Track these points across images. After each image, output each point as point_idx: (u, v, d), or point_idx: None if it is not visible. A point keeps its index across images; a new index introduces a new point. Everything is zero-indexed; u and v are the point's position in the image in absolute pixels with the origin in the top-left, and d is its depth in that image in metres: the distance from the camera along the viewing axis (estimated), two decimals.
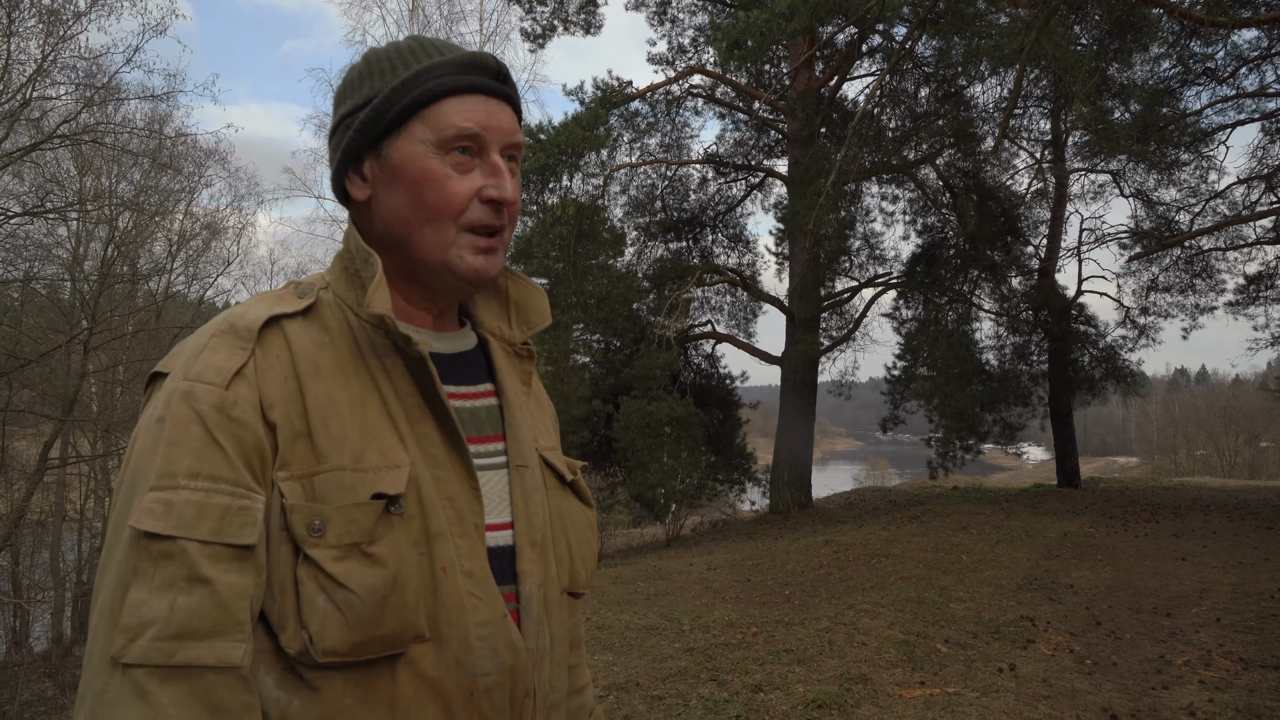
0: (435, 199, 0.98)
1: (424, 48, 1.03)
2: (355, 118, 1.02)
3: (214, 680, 0.82)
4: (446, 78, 0.99)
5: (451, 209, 0.99)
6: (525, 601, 1.00)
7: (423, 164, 0.98)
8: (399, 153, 0.99)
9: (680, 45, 17.37)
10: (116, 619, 0.82)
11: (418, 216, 0.99)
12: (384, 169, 1.01)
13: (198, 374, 0.90)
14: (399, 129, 1.00)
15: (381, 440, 0.94)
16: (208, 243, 21.26)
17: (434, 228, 0.99)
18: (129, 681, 0.80)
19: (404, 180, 0.99)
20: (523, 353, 1.15)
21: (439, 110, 0.99)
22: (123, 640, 0.81)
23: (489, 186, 1.00)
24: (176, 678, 0.81)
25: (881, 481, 37.58)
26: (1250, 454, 45.91)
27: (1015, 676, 4.83)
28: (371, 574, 0.88)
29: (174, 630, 0.81)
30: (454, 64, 1.00)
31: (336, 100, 1.06)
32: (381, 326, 0.95)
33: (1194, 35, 13.18)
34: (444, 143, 0.98)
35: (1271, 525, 10.42)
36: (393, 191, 1.00)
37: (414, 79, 0.99)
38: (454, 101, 0.99)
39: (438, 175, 0.98)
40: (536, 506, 1.05)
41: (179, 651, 0.81)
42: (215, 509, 0.85)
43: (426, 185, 0.98)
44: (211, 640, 0.82)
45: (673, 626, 6.19)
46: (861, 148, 12.63)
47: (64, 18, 12.06)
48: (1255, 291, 15.92)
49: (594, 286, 14.67)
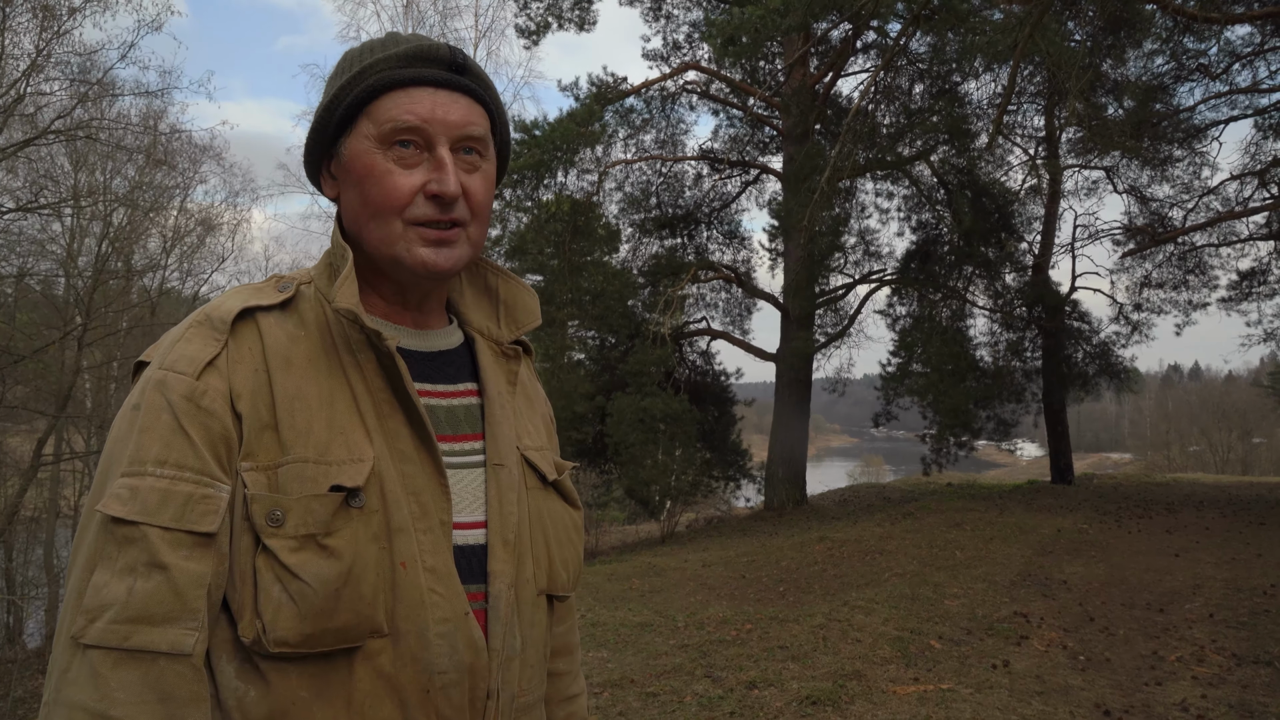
0: (376, 194, 0.98)
1: (383, 43, 1.02)
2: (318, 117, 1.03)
3: (165, 667, 0.83)
4: (388, 71, 0.99)
5: (392, 204, 0.98)
6: (494, 601, 0.99)
7: (366, 160, 0.98)
8: (349, 150, 1.00)
9: (675, 41, 17.36)
10: (81, 600, 0.85)
11: (364, 212, 1.00)
12: (340, 167, 1.02)
13: (171, 363, 0.92)
14: (350, 127, 1.00)
15: (348, 434, 0.94)
16: (202, 239, 21.19)
17: (378, 223, 0.99)
18: (86, 662, 0.83)
19: (353, 176, 1.00)
20: (509, 352, 1.14)
21: (380, 105, 0.99)
22: (83, 621, 0.83)
23: (431, 181, 0.98)
24: (130, 662, 0.82)
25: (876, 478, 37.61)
26: (1243, 450, 46.12)
27: (1009, 673, 4.85)
28: (326, 565, 0.88)
29: (130, 614, 0.83)
30: (398, 57, 0.99)
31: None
32: (355, 321, 0.95)
33: (1187, 31, 13.21)
34: (383, 137, 0.98)
35: (1264, 521, 10.47)
36: (348, 189, 1.02)
37: (359, 75, 0.99)
38: (396, 95, 0.98)
39: (379, 170, 0.98)
40: (511, 506, 1.03)
41: (133, 635, 0.83)
42: (178, 496, 0.87)
43: (368, 181, 0.98)
44: (165, 626, 0.84)
45: (667, 623, 6.21)
46: (856, 144, 12.64)
47: (58, 13, 12.03)
48: (1248, 288, 15.98)
49: (589, 283, 14.67)
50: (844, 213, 16.24)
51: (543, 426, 1.19)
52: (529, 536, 1.06)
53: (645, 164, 16.95)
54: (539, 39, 15.96)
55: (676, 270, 15.61)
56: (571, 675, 1.24)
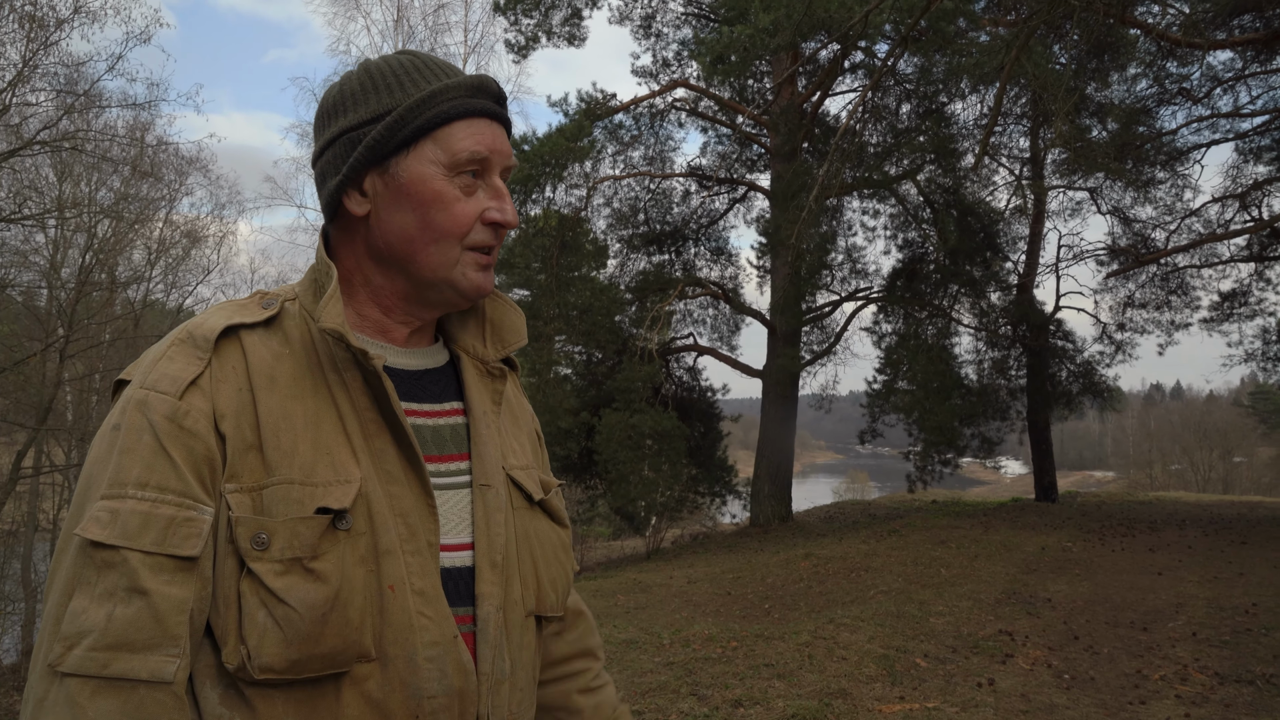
0: (444, 220, 1.00)
1: (429, 67, 1.03)
2: (362, 132, 1.00)
3: (145, 695, 0.81)
4: (460, 100, 1.00)
5: (458, 230, 1.00)
6: (482, 624, 0.98)
7: (434, 185, 0.99)
8: (408, 172, 0.99)
9: (664, 59, 17.47)
10: (59, 626, 0.83)
11: (424, 235, 1.00)
12: (389, 187, 1.00)
13: (153, 383, 0.90)
14: (408, 148, 1.00)
15: (334, 454, 0.93)
16: (188, 251, 21.08)
17: (440, 247, 1.00)
18: (64, 691, 0.80)
19: (413, 199, 0.99)
20: (495, 371, 1.13)
21: (451, 132, 1.00)
22: (60, 648, 0.81)
23: (493, 209, 1.02)
24: (109, 690, 0.80)
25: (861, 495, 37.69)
26: (1224, 469, 46.43)
27: (994, 691, 4.85)
28: (313, 590, 0.87)
29: (109, 641, 0.81)
30: (465, 87, 1.01)
31: (332, 110, 1.04)
32: (341, 340, 0.94)
33: (1170, 56, 13.40)
34: (455, 165, 0.99)
35: (1246, 540, 10.53)
36: (398, 209, 1.00)
37: (429, 99, 0.99)
38: (464, 124, 1.00)
39: (448, 197, 0.99)
40: (499, 527, 1.02)
41: (113, 663, 0.81)
42: (160, 519, 0.85)
43: (436, 206, 0.99)
44: (146, 654, 0.82)
45: (652, 640, 6.18)
46: (843, 163, 12.72)
47: (46, 24, 12.00)
48: (1229, 308, 16.15)
49: (576, 298, 14.67)
50: (831, 230, 16.33)
51: (528, 444, 1.18)
52: (516, 558, 1.05)
53: (634, 180, 17.01)
54: (528, 54, 16.03)
55: (664, 286, 15.64)
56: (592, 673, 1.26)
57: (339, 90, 1.04)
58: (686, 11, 17.25)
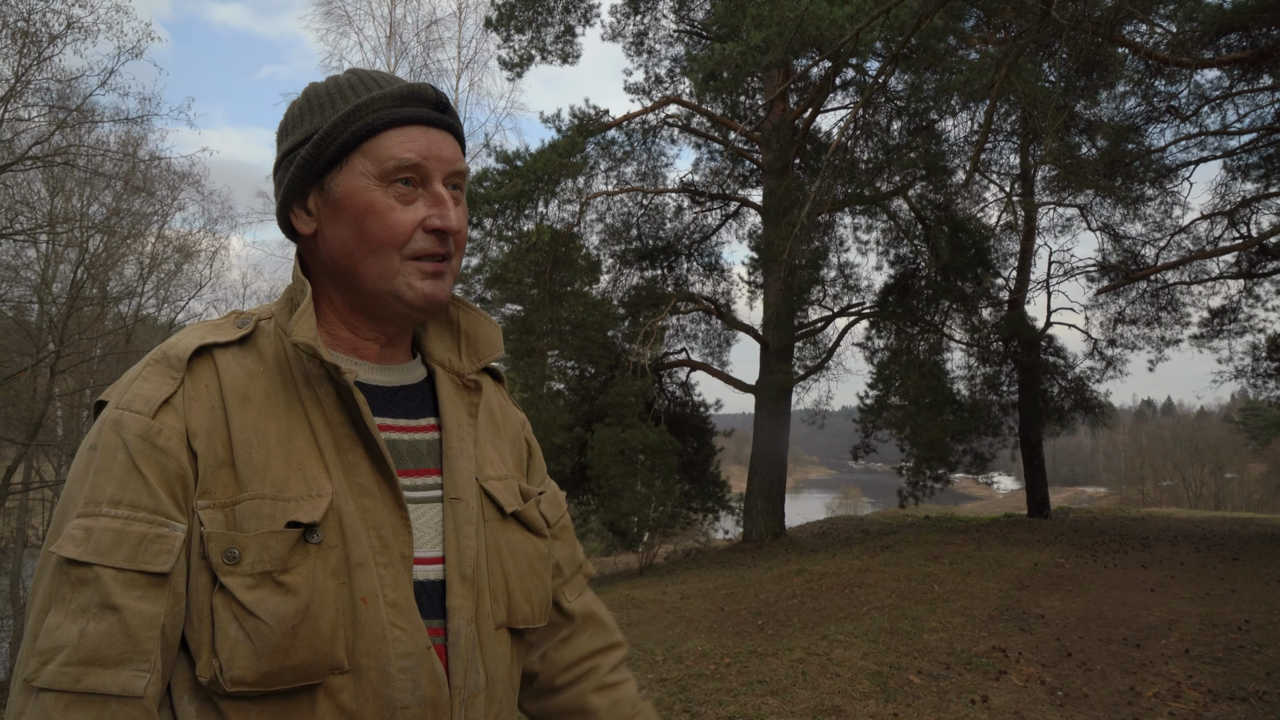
0: (378, 230, 1.00)
1: (363, 81, 1.04)
2: (297, 154, 1.02)
3: (117, 709, 0.83)
4: (385, 110, 1.01)
5: (395, 239, 1.00)
6: (454, 637, 0.99)
7: (365, 196, 0.99)
8: (341, 186, 1.00)
9: (657, 76, 17.56)
10: (35, 642, 0.84)
11: (361, 247, 1.00)
12: (327, 203, 1.02)
13: (128, 403, 0.92)
14: (340, 163, 1.01)
15: (306, 469, 0.94)
16: (180, 266, 21.07)
17: (378, 258, 1.00)
18: (39, 705, 0.82)
19: (347, 213, 1.00)
20: (470, 384, 1.13)
21: (379, 143, 1.00)
22: (35, 664, 0.83)
23: (433, 216, 1.01)
24: (81, 704, 0.82)
25: (854, 510, 37.64)
26: (1215, 485, 46.54)
27: (988, 708, 4.84)
28: (283, 602, 0.88)
29: (81, 656, 0.83)
30: (392, 96, 1.01)
31: (279, 135, 1.07)
32: (314, 355, 0.95)
33: (1158, 74, 13.51)
34: (385, 174, 1.00)
35: (1238, 556, 10.55)
36: (337, 224, 1.01)
37: (353, 113, 1.00)
38: (394, 133, 1.00)
39: (380, 207, 0.99)
40: (469, 540, 1.03)
41: (84, 678, 0.82)
42: (132, 536, 0.86)
43: (369, 217, 0.99)
44: (117, 668, 0.83)
45: (646, 657, 6.15)
46: (835, 179, 12.78)
47: (39, 40, 12.01)
48: (1219, 325, 16.22)
49: (569, 313, 14.67)
50: (823, 246, 16.38)
51: (510, 452, 1.18)
52: (486, 570, 1.05)
53: (626, 196, 17.06)
54: (522, 71, 16.07)
55: (656, 301, 15.66)
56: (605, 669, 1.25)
57: (287, 113, 1.07)
58: (679, 29, 17.35)
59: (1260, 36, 11.92)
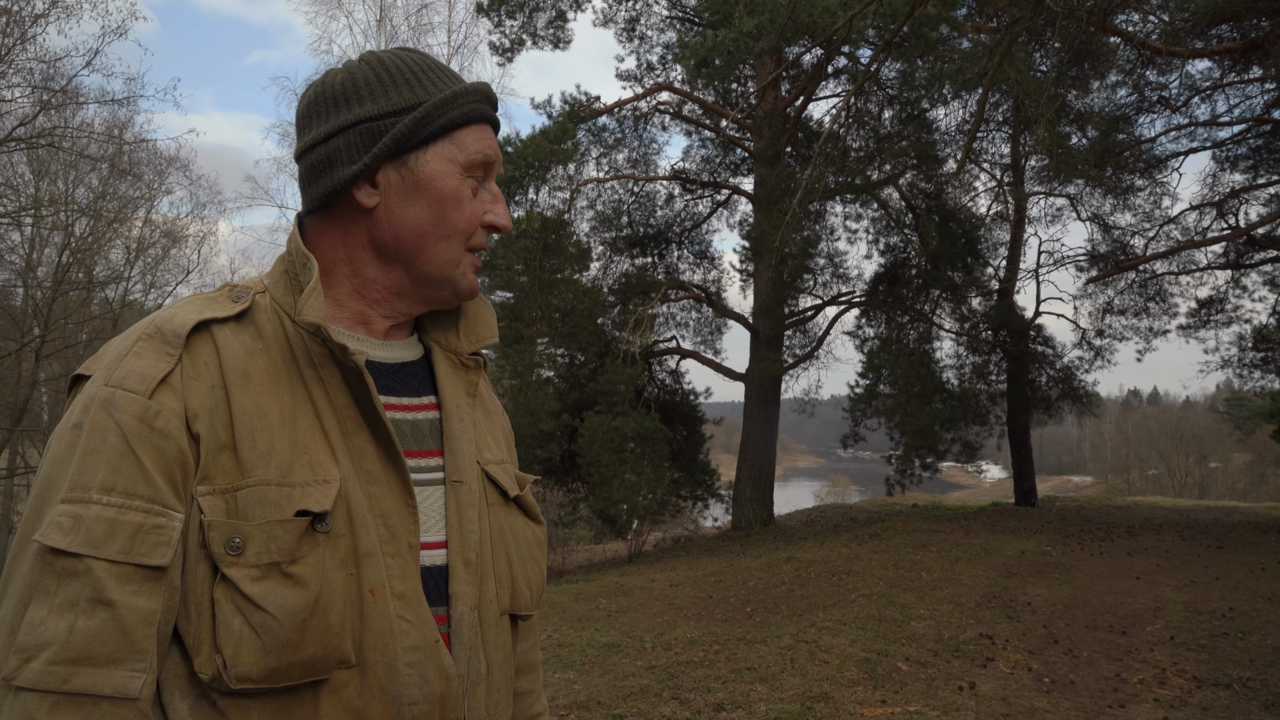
0: (458, 218, 1.00)
1: (440, 67, 1.04)
2: (386, 123, 0.97)
3: (108, 711, 0.77)
4: (476, 105, 1.02)
5: (468, 228, 1.02)
6: (456, 625, 0.95)
7: (451, 182, 0.99)
8: (428, 167, 0.99)
9: (648, 62, 17.48)
10: (14, 637, 0.78)
11: (436, 231, 1.00)
12: (405, 181, 0.98)
13: (120, 380, 0.85)
14: (428, 144, 0.99)
15: (312, 454, 0.89)
16: (167, 250, 20.91)
17: (448, 244, 1.01)
18: (19, 706, 0.76)
19: (430, 195, 0.99)
20: (469, 363, 1.10)
21: (466, 134, 1.01)
22: (16, 661, 0.77)
23: (491, 213, 1.03)
24: (68, 706, 0.76)
25: (842, 498, 37.83)
26: (1200, 474, 46.96)
27: (975, 695, 4.87)
28: (291, 595, 0.83)
29: (70, 654, 0.77)
30: (481, 93, 1.03)
31: (340, 98, 0.99)
32: (317, 334, 0.91)
33: (1150, 64, 13.53)
34: (470, 166, 1.01)
35: (1222, 545, 10.64)
36: (413, 204, 0.99)
37: (453, 99, 1.00)
38: (477, 129, 1.02)
39: (463, 196, 1.00)
40: (472, 524, 0.99)
41: (73, 678, 0.77)
42: (127, 527, 0.80)
43: (451, 204, 1.00)
44: (110, 668, 0.78)
45: (634, 644, 6.16)
46: (826, 167, 12.76)
47: (21, 19, 11.86)
48: (1206, 315, 16.33)
49: (559, 300, 14.65)
50: (814, 235, 16.39)
51: (502, 438, 1.16)
52: (490, 555, 1.02)
53: (617, 183, 17.02)
54: (513, 57, 15.99)
55: (647, 289, 15.65)
56: (534, 695, 1.20)
57: (346, 79, 1.00)
58: (671, 15, 17.28)
59: (1251, 28, 11.94)
